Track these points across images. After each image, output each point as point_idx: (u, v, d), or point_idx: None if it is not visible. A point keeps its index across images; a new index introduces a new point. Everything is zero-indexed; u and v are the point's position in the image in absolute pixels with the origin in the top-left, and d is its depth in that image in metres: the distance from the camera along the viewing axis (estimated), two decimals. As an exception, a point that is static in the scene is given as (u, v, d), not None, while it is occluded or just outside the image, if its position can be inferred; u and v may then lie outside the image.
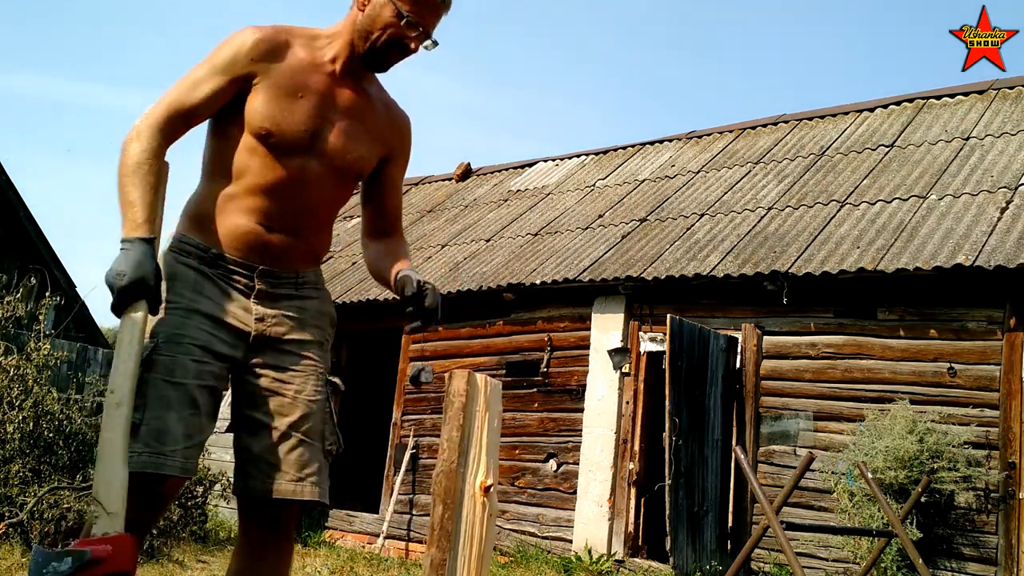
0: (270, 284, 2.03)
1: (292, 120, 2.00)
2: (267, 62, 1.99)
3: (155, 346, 1.87)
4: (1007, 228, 6.41)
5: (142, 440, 1.82)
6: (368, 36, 2.03)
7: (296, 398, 2.02)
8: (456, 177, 13.13)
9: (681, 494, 6.54)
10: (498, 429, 1.87)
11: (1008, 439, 6.03)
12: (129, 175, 1.86)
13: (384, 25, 2.02)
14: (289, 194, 2.02)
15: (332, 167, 2.07)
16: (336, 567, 6.40)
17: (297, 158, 2.00)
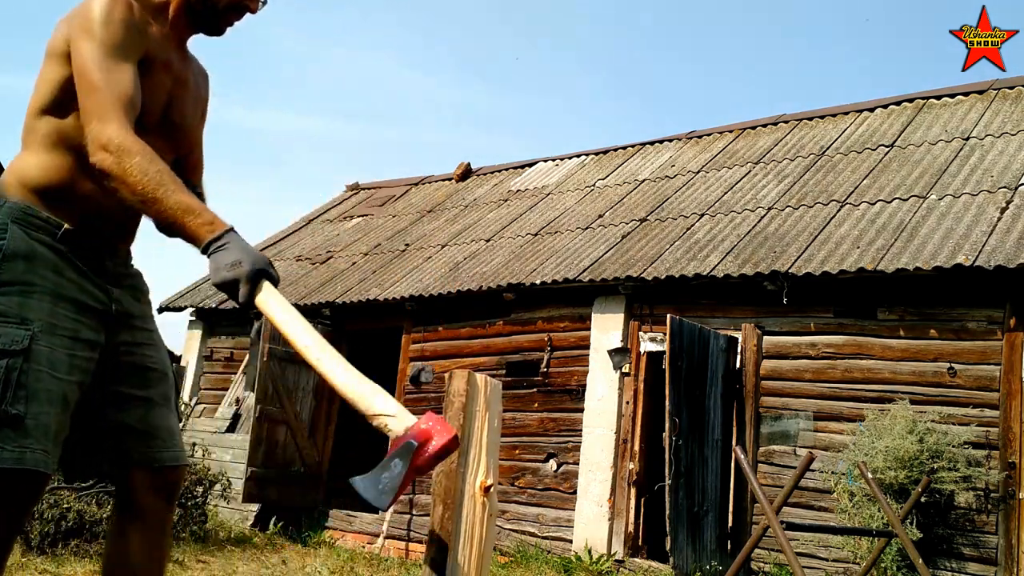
0: (115, 263, 1.98)
1: (152, 100, 1.93)
2: (145, 37, 1.91)
3: (33, 335, 1.76)
4: (1007, 228, 6.41)
5: (32, 435, 1.72)
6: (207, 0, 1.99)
7: (158, 369, 2.02)
8: (456, 177, 13.14)
9: (681, 494, 6.54)
10: (498, 429, 1.86)
11: (1008, 439, 6.03)
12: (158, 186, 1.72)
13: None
14: None
15: (173, 143, 2.03)
16: (336, 567, 6.40)
17: (146, 136, 1.88)
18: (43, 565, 4.90)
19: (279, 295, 1.74)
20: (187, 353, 11.38)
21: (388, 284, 9.73)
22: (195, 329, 11.36)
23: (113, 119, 1.76)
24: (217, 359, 11.05)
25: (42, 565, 4.89)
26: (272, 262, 1.78)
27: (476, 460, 1.80)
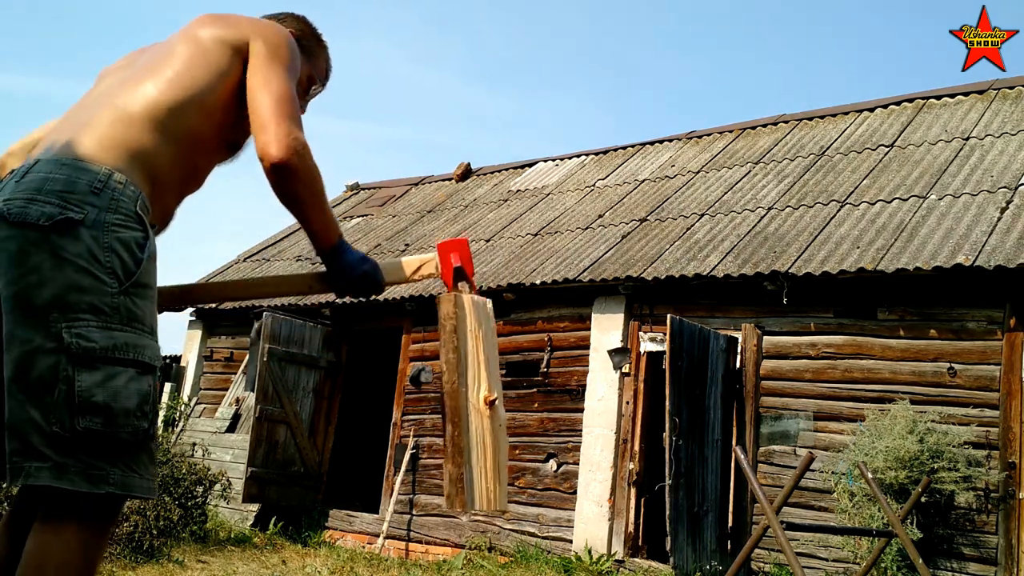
0: None
1: None
2: None
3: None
4: (1007, 228, 6.41)
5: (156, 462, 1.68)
6: None
7: None
8: (456, 177, 13.13)
9: (681, 494, 6.54)
10: (495, 344, 1.96)
11: (1008, 439, 6.03)
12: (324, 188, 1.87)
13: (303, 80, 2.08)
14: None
15: None
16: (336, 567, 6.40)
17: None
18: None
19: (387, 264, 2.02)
20: (187, 353, 11.38)
21: (388, 284, 9.73)
22: (195, 329, 11.36)
23: (301, 130, 1.82)
24: (217, 359, 11.05)
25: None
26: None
27: (476, 377, 1.88)
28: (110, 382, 1.55)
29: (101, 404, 1.54)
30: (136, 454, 1.58)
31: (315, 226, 1.87)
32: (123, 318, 1.60)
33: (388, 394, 9.72)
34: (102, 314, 1.57)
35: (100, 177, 1.64)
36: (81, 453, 1.52)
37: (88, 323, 1.56)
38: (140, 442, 1.59)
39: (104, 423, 1.54)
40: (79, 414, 1.52)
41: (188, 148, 1.82)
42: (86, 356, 1.54)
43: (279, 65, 1.87)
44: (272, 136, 1.75)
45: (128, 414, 1.57)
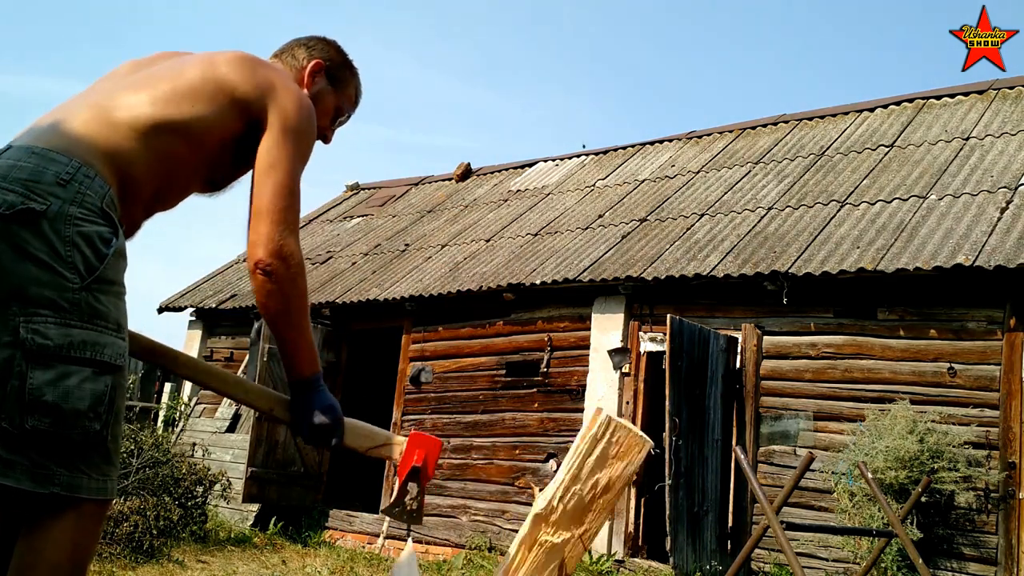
0: None
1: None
2: None
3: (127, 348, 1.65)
4: (1007, 228, 6.41)
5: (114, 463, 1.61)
6: None
7: None
8: (456, 177, 13.13)
9: (681, 494, 6.54)
10: None
11: (1008, 439, 6.03)
12: (303, 312, 1.75)
13: (322, 112, 2.03)
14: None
15: None
16: (336, 567, 6.40)
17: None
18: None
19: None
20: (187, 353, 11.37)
21: (388, 284, 9.73)
22: (195, 329, 11.36)
23: (296, 234, 1.75)
24: (217, 359, 11.05)
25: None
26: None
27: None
28: (63, 381, 1.50)
29: (50, 403, 1.49)
30: (87, 455, 1.53)
31: (289, 348, 1.76)
32: (83, 315, 1.54)
33: (388, 394, 9.72)
34: (61, 310, 1.51)
35: (68, 169, 1.58)
36: (31, 451, 1.48)
37: (46, 319, 1.50)
38: (92, 443, 1.53)
39: (52, 423, 1.49)
40: (28, 412, 1.47)
41: (165, 166, 1.76)
42: (40, 353, 1.49)
43: (290, 148, 1.81)
44: (263, 236, 1.71)
45: (78, 415, 1.51)
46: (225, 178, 1.93)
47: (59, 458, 1.50)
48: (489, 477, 8.41)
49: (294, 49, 2.06)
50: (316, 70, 2.03)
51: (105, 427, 1.54)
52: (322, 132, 2.06)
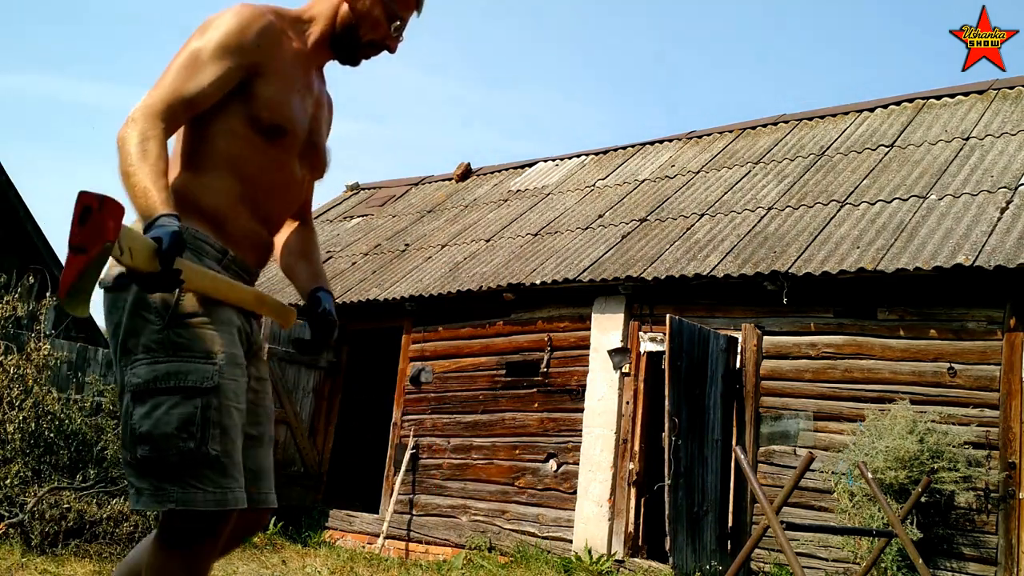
0: None
1: (299, 118, 1.92)
2: (271, 49, 1.87)
3: (220, 369, 1.73)
4: (1007, 228, 6.41)
5: (230, 474, 1.72)
6: (352, 31, 1.98)
7: (268, 407, 2.00)
8: (456, 177, 13.13)
9: (681, 494, 6.54)
10: None
11: (1008, 439, 6.03)
12: (136, 163, 1.64)
13: (373, 24, 1.98)
14: (283, 193, 1.97)
15: (312, 166, 2.04)
16: (336, 567, 6.39)
17: (295, 157, 1.94)
18: (43, 565, 4.89)
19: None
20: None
21: (388, 284, 9.73)
22: (195, 329, 11.35)
23: (152, 100, 1.74)
24: (217, 359, 11.04)
25: (42, 565, 4.89)
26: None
27: None
28: (154, 411, 1.68)
29: (146, 432, 1.68)
30: (195, 471, 1.68)
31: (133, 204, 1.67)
32: (168, 350, 1.71)
33: (388, 394, 9.72)
34: (151, 351, 1.71)
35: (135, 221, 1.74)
36: (150, 476, 1.68)
37: (140, 362, 1.72)
38: (195, 460, 1.68)
39: (151, 449, 1.68)
40: (136, 444, 1.69)
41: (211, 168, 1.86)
42: (136, 391, 1.70)
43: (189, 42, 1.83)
44: None
45: (169, 438, 1.67)
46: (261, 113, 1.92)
47: (170, 478, 1.67)
48: (489, 477, 8.41)
49: None
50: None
51: (203, 444, 1.68)
52: (383, 43, 2.02)
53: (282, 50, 1.90)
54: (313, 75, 2.01)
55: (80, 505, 5.47)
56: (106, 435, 6.20)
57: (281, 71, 1.88)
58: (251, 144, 1.86)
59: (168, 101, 1.75)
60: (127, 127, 1.71)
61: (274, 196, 1.94)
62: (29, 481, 5.60)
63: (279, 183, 1.94)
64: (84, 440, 6.11)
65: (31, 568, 4.80)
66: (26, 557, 5.04)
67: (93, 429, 6.18)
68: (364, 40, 2.00)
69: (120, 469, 6.06)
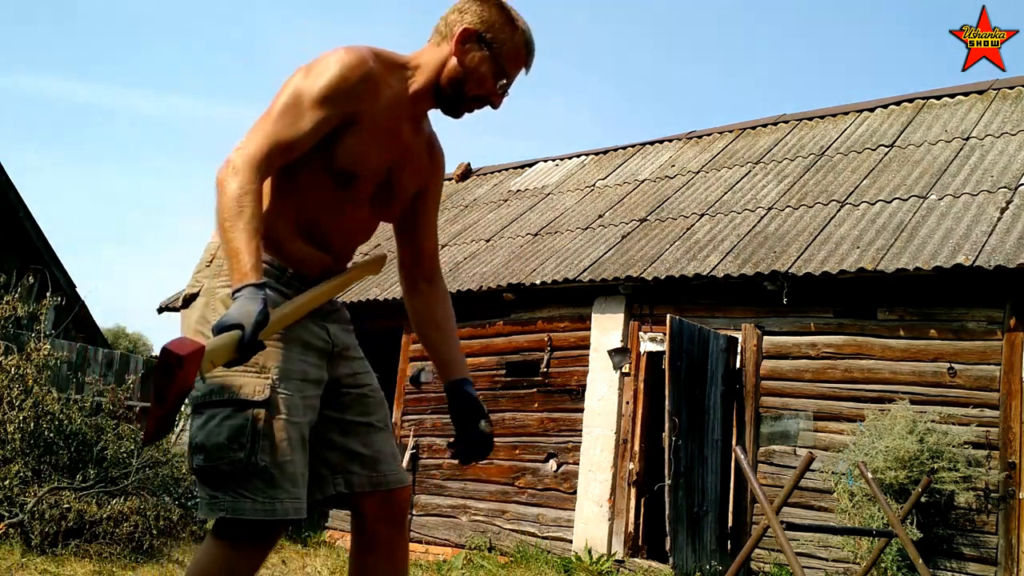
0: (328, 302, 2.03)
1: (375, 164, 1.95)
2: (368, 99, 1.89)
3: (272, 383, 1.80)
4: (1007, 228, 6.41)
5: (279, 484, 1.78)
6: (458, 86, 1.98)
7: (376, 396, 2.09)
8: (456, 177, 13.13)
9: (681, 494, 6.54)
10: None
11: (1008, 439, 6.03)
12: (232, 219, 1.71)
13: (480, 80, 1.98)
14: (345, 233, 2.02)
15: (387, 207, 2.08)
16: (336, 567, 6.39)
17: (364, 200, 1.99)
18: (43, 565, 4.89)
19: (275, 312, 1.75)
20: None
21: (388, 284, 9.73)
22: (195, 329, 11.35)
23: (252, 146, 1.79)
24: (217, 359, 11.04)
25: (42, 565, 4.89)
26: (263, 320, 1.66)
27: None
28: (208, 423, 1.78)
29: (199, 444, 1.79)
30: (244, 481, 1.76)
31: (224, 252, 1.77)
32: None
33: (388, 394, 9.70)
34: None
35: (211, 249, 1.94)
36: (207, 486, 1.79)
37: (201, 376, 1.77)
38: (245, 471, 1.76)
39: (204, 459, 1.78)
40: (193, 454, 1.81)
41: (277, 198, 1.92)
42: (195, 404, 1.81)
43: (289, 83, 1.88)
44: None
45: (220, 448, 1.76)
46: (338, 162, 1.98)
47: (223, 487, 1.77)
48: (489, 477, 8.41)
49: (447, 15, 2.01)
50: (463, 39, 1.96)
51: (253, 454, 1.76)
52: (488, 99, 2.02)
53: (378, 99, 1.91)
54: (407, 122, 2.01)
55: (80, 505, 5.46)
56: (106, 435, 6.20)
57: (371, 120, 1.91)
58: (318, 183, 1.92)
59: (267, 150, 1.79)
60: (228, 174, 1.76)
61: (334, 234, 1.99)
62: (29, 481, 5.60)
63: (341, 223, 1.99)
64: (84, 440, 6.10)
65: (31, 568, 4.80)
66: (26, 557, 5.04)
67: (93, 429, 6.18)
68: (469, 96, 2.00)
69: (120, 469, 6.07)
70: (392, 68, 1.95)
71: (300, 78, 1.86)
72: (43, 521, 5.28)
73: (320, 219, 1.95)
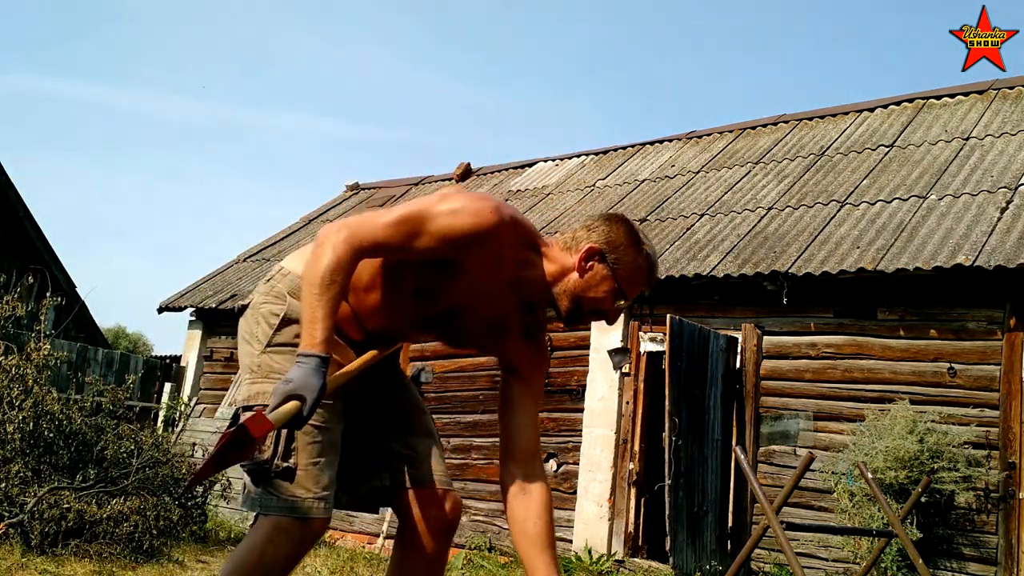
0: None
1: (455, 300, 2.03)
2: (483, 258, 1.95)
3: None
4: (1007, 228, 6.41)
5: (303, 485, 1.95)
6: (577, 299, 2.03)
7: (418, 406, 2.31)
8: (456, 177, 13.13)
9: (681, 494, 6.54)
10: None
11: (1008, 439, 6.03)
12: (320, 288, 1.82)
13: (599, 297, 2.03)
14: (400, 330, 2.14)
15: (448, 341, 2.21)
16: (336, 567, 6.39)
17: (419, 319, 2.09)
18: (43, 565, 4.89)
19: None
20: (187, 353, 11.38)
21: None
22: (195, 329, 11.36)
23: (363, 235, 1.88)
24: (217, 359, 11.04)
25: (42, 565, 4.89)
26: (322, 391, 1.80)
27: None
28: None
29: None
30: (271, 480, 1.90)
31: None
32: (264, 372, 2.01)
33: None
34: (252, 372, 2.03)
35: (272, 271, 2.15)
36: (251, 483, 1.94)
37: (245, 381, 2.04)
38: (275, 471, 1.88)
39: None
40: None
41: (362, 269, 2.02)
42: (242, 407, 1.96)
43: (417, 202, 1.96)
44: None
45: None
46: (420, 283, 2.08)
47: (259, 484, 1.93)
48: (489, 477, 8.41)
49: (577, 231, 2.09)
50: (587, 255, 2.03)
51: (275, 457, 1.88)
52: (603, 312, 2.07)
53: (490, 261, 1.97)
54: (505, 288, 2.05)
55: (80, 505, 5.46)
56: (106, 435, 6.19)
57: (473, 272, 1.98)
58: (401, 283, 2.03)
59: (374, 245, 1.90)
60: (335, 241, 1.86)
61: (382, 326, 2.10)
62: (29, 481, 5.59)
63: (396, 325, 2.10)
64: (84, 440, 6.09)
65: (31, 568, 4.80)
66: (26, 557, 5.03)
67: (93, 429, 6.17)
68: (587, 310, 2.06)
69: (120, 469, 6.06)
70: (521, 244, 2.02)
71: (435, 202, 1.92)
72: (43, 521, 5.27)
73: (380, 310, 2.07)
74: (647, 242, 2.10)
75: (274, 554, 1.94)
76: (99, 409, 6.52)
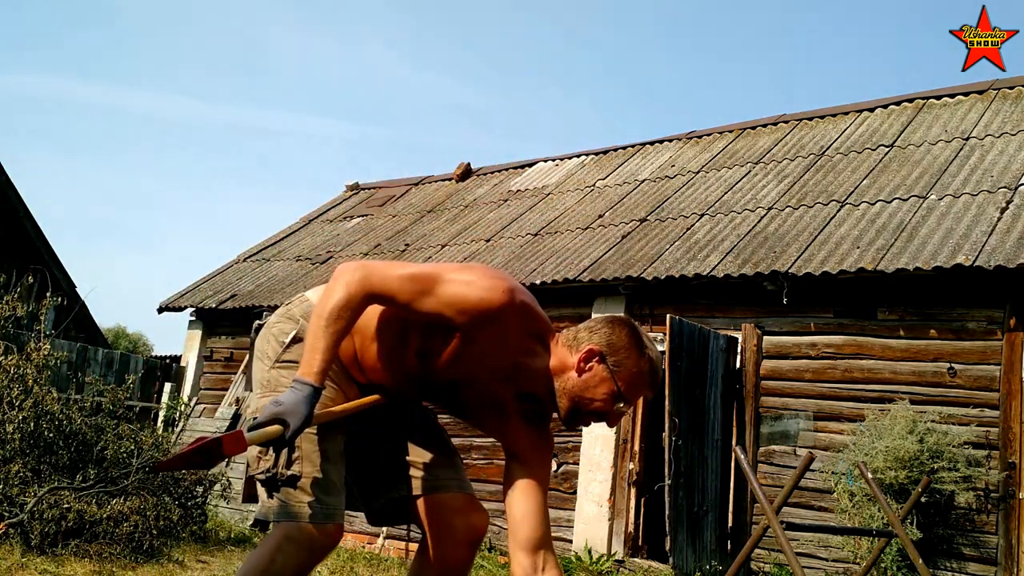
0: None
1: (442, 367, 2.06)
2: (487, 333, 1.97)
3: None
4: (1007, 228, 6.41)
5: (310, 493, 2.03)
6: (576, 400, 2.03)
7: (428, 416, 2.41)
8: (456, 177, 13.13)
9: (681, 494, 6.54)
10: None
11: (1008, 439, 6.03)
12: (328, 321, 1.90)
13: (598, 399, 2.02)
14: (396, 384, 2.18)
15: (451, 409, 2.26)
16: (336, 567, 6.39)
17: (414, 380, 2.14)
18: (43, 565, 4.89)
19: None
20: (187, 353, 11.38)
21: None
22: (195, 329, 11.35)
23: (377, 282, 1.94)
24: (217, 359, 11.04)
25: (42, 565, 4.89)
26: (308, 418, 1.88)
27: None
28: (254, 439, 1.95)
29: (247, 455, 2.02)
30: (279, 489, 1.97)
31: None
32: (272, 387, 2.09)
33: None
34: (263, 386, 2.12)
35: (292, 299, 2.24)
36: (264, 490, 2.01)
37: (256, 395, 2.13)
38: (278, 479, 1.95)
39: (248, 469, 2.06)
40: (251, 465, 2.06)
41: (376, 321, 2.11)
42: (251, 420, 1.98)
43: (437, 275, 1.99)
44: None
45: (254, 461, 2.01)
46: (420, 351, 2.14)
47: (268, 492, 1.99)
48: (489, 477, 8.41)
49: (579, 331, 2.08)
50: (586, 357, 2.02)
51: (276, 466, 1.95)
52: (600, 414, 2.05)
53: (494, 339, 1.99)
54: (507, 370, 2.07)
55: (80, 505, 5.46)
56: (106, 435, 6.19)
57: (478, 343, 1.99)
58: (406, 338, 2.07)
59: (385, 294, 1.95)
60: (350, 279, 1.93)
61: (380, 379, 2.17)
62: (29, 481, 5.59)
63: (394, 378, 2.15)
64: (84, 440, 6.09)
65: (31, 568, 4.79)
66: (26, 557, 5.03)
67: (93, 429, 6.17)
68: (585, 410, 2.04)
69: (120, 469, 6.06)
70: (528, 333, 2.04)
71: (453, 269, 1.99)
72: (43, 521, 5.27)
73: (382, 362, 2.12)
74: (650, 346, 2.05)
75: (283, 562, 1.97)
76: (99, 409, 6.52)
